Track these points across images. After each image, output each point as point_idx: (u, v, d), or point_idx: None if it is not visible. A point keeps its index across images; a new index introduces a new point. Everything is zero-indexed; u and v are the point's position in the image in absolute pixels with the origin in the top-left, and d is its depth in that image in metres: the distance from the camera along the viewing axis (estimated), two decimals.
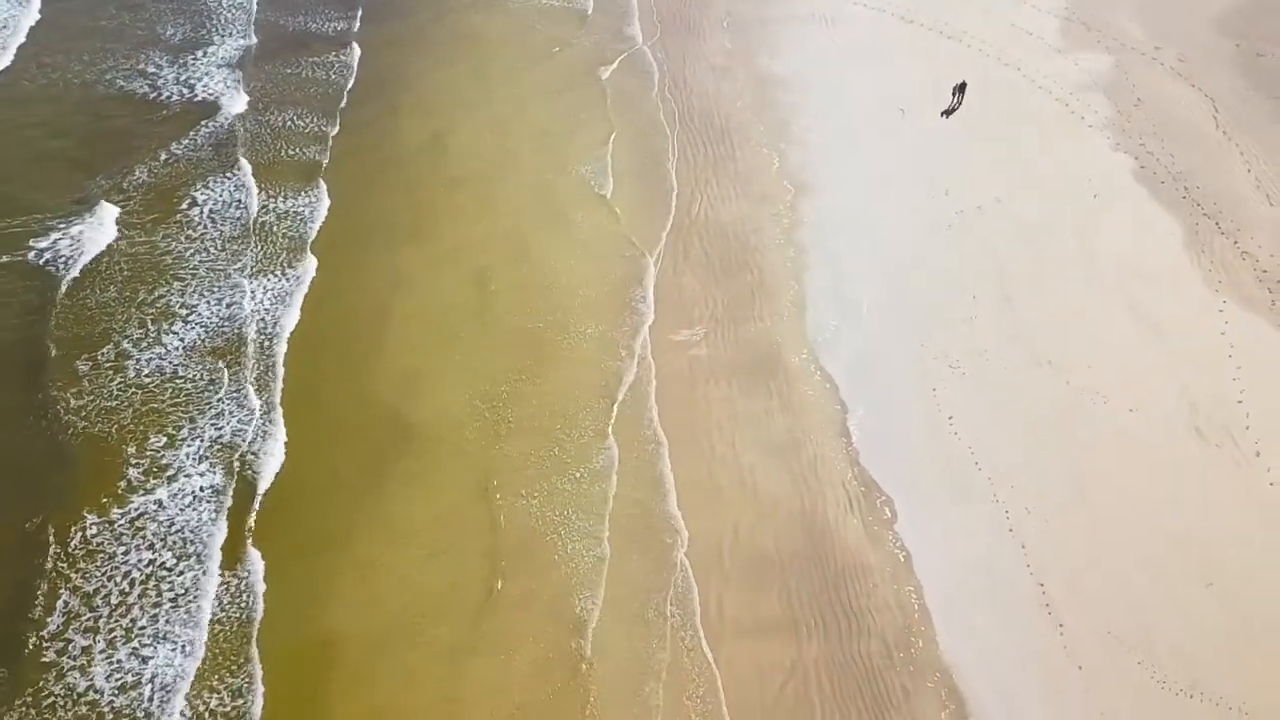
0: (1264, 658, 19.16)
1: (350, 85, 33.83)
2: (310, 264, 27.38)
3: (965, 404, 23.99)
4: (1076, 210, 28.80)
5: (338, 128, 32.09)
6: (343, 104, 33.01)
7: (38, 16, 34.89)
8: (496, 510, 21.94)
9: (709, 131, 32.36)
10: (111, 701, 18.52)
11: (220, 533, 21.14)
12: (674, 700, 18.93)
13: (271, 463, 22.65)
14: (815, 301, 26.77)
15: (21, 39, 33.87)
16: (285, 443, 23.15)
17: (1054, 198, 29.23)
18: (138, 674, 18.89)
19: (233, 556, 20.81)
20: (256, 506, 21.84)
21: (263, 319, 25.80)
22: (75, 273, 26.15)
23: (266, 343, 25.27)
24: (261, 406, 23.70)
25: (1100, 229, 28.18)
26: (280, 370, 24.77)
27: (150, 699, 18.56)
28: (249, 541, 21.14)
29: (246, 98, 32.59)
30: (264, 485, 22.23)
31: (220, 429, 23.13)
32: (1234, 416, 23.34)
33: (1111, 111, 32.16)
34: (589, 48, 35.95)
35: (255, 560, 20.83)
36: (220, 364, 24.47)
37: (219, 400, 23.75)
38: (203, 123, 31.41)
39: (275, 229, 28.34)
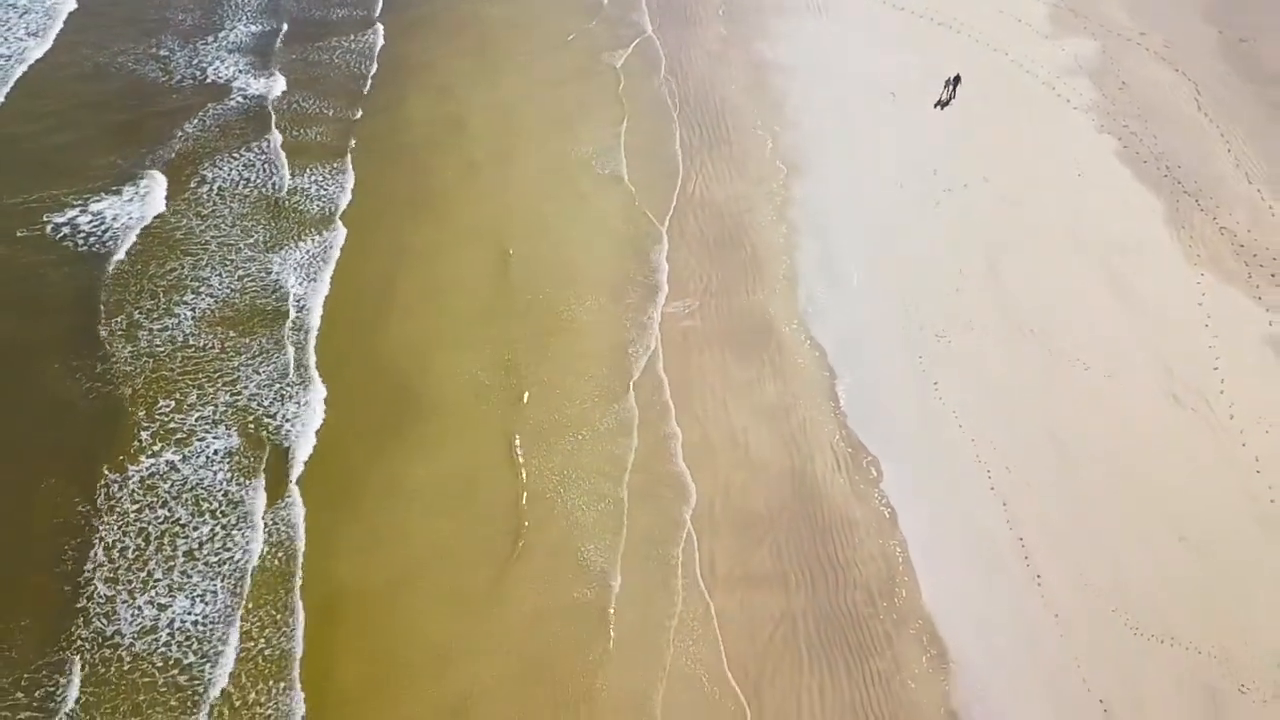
0: (1233, 606, 19.96)
1: (374, 70, 35.03)
2: (340, 234, 28.79)
3: (950, 370, 24.82)
4: (1061, 189, 29.65)
5: (361, 111, 33.23)
6: (367, 88, 34.24)
7: (75, 5, 36.60)
8: (519, 465, 22.92)
9: (705, 115, 33.23)
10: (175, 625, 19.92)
11: (265, 477, 22.62)
12: (681, 645, 19.92)
13: (313, 418, 23.87)
14: (806, 275, 27.61)
15: (60, 25, 35.60)
16: (325, 398, 24.32)
17: (1039, 177, 30.08)
18: (190, 609, 20.19)
19: (277, 496, 22.21)
20: (300, 456, 23.02)
21: (298, 284, 27.19)
22: (131, 240, 27.97)
23: (301, 306, 26.55)
24: (299, 365, 24.94)
25: (1083, 206, 29.02)
26: (315, 331, 25.98)
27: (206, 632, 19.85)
28: (293, 484, 22.45)
29: (281, 79, 34.20)
30: (306, 437, 23.43)
31: (262, 386, 24.44)
32: (1209, 382, 24.16)
33: (1097, 95, 33.02)
34: (601, 35, 36.91)
35: (298, 505, 22.12)
36: (261, 325, 25.99)
37: (261, 357, 25.14)
38: (236, 102, 33.03)
39: (306, 201, 29.86)
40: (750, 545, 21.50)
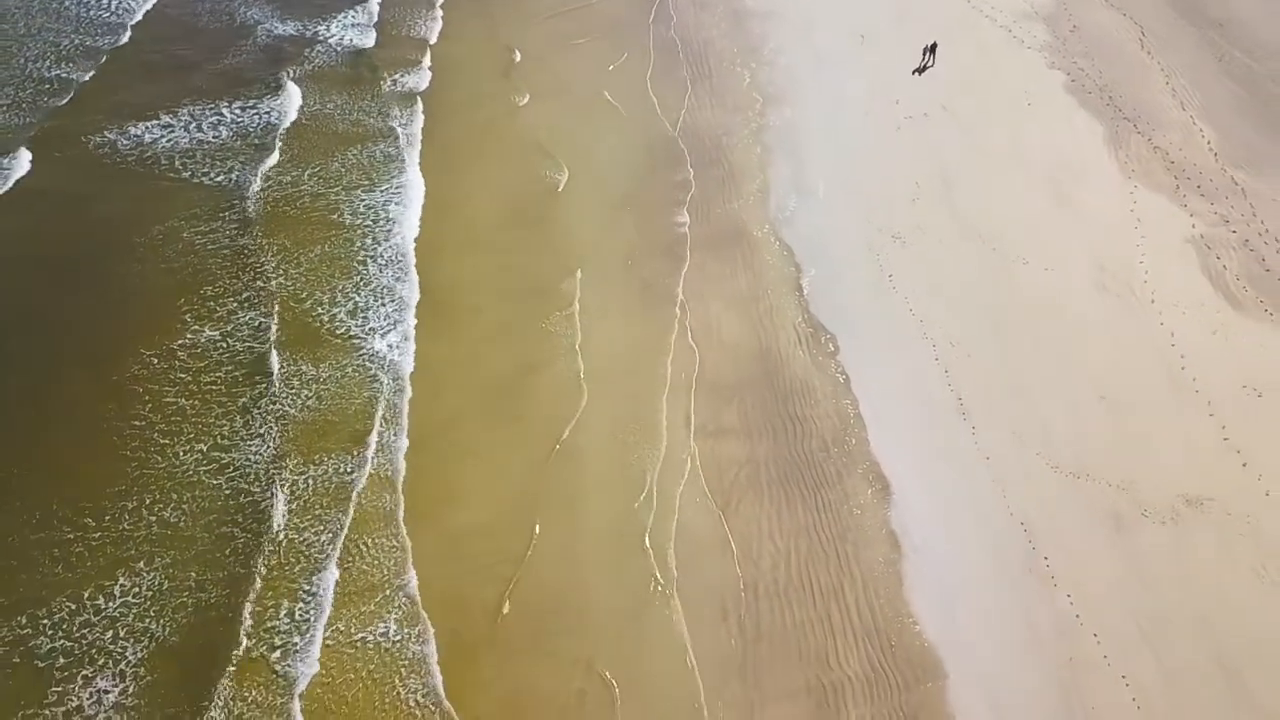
0: (1142, 450, 22.67)
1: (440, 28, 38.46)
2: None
3: (904, 266, 27.62)
4: (1011, 115, 32.50)
5: (429, 57, 36.71)
6: (433, 41, 37.70)
7: None
8: (578, 327, 26.25)
9: (689, 53, 36.16)
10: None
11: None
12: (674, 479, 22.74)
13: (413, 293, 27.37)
14: (777, 188, 30.45)
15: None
16: (419, 284, 27.51)
17: (992, 106, 32.94)
18: None
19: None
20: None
21: (395, 195, 30.63)
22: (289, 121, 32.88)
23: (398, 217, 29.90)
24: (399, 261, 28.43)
25: (1031, 130, 31.86)
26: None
27: None
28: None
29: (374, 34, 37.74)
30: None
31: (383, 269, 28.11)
32: (1135, 274, 26.95)
33: (1049, 36, 35.87)
34: None
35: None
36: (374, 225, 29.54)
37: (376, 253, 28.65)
38: (325, 58, 36.67)
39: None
40: (720, 406, 24.26)
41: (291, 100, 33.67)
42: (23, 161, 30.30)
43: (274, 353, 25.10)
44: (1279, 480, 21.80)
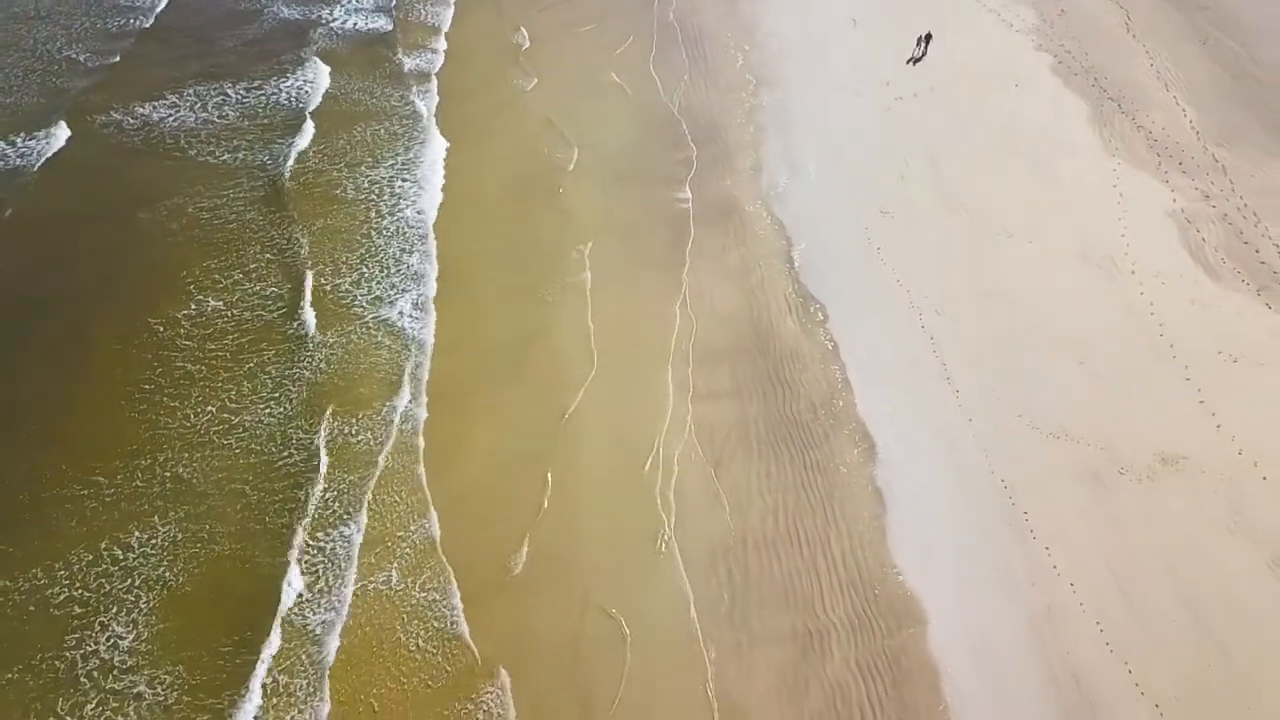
0: (1120, 412, 23.40)
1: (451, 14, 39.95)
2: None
3: (892, 239, 28.39)
4: (999, 96, 33.24)
5: (444, 42, 38.23)
6: (446, 28, 39.17)
7: None
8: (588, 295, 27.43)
9: (686, 38, 37.01)
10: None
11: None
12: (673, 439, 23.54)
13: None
14: (769, 166, 31.23)
15: None
16: (437, 253, 28.82)
17: (980, 86, 33.68)
18: None
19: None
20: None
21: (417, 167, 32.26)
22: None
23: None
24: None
25: (1018, 110, 32.59)
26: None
27: None
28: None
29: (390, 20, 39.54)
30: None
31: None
32: (1116, 246, 27.69)
33: (1037, 20, 36.63)
34: None
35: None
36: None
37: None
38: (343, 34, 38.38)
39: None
40: (713, 371, 25.06)
41: (321, 77, 35.36)
42: (61, 134, 32.07)
43: (309, 310, 26.46)
44: (1251, 440, 22.54)
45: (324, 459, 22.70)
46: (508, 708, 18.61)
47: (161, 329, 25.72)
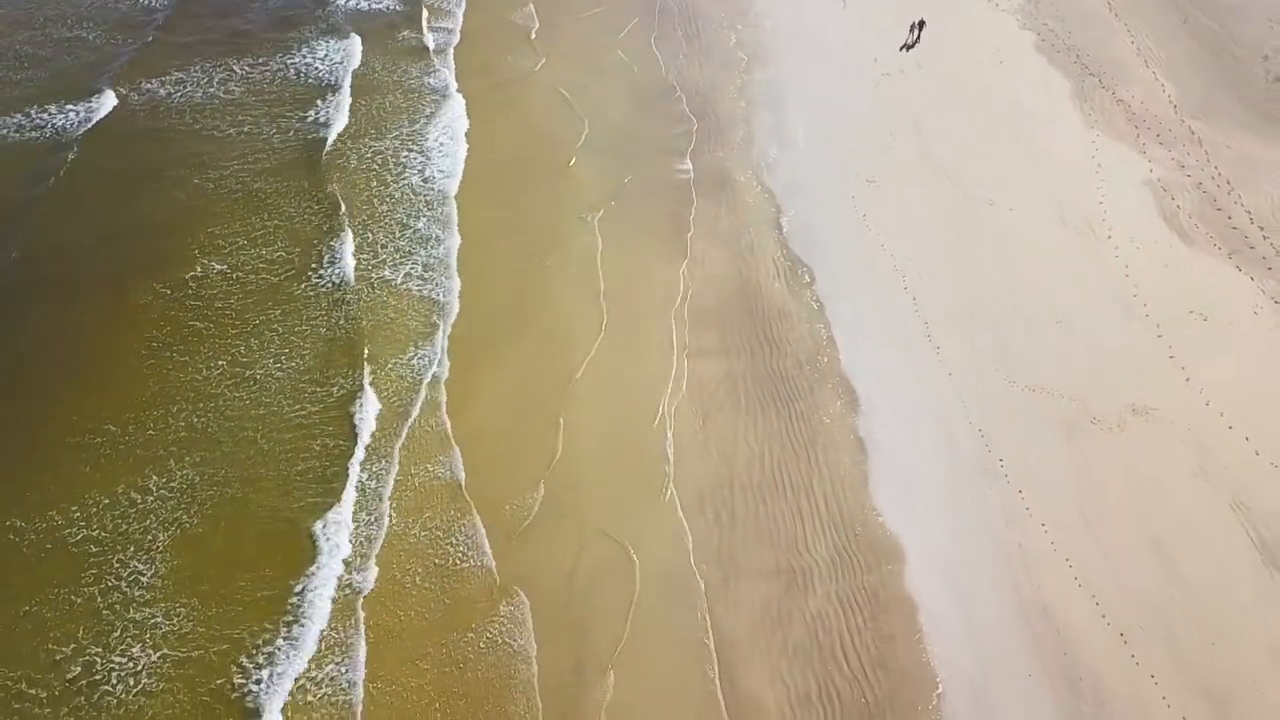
0: (1093, 367, 24.40)
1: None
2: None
3: (877, 206, 29.39)
4: (984, 72, 34.26)
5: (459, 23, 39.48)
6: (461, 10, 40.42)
7: None
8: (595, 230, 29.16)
9: (684, 17, 38.05)
10: None
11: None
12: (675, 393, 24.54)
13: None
14: (760, 138, 32.22)
15: None
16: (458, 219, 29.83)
17: (966, 63, 34.70)
18: None
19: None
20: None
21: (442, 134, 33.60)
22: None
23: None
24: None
25: (1002, 85, 33.62)
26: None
27: None
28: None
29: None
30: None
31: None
32: (1094, 212, 28.69)
33: (1023, 0, 37.61)
34: None
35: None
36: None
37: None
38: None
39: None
40: (703, 330, 26.03)
41: (353, 51, 36.92)
42: (108, 102, 33.66)
43: (346, 265, 27.78)
44: (1218, 393, 23.53)
45: (369, 396, 23.83)
46: (526, 623, 19.68)
47: (193, 286, 26.92)
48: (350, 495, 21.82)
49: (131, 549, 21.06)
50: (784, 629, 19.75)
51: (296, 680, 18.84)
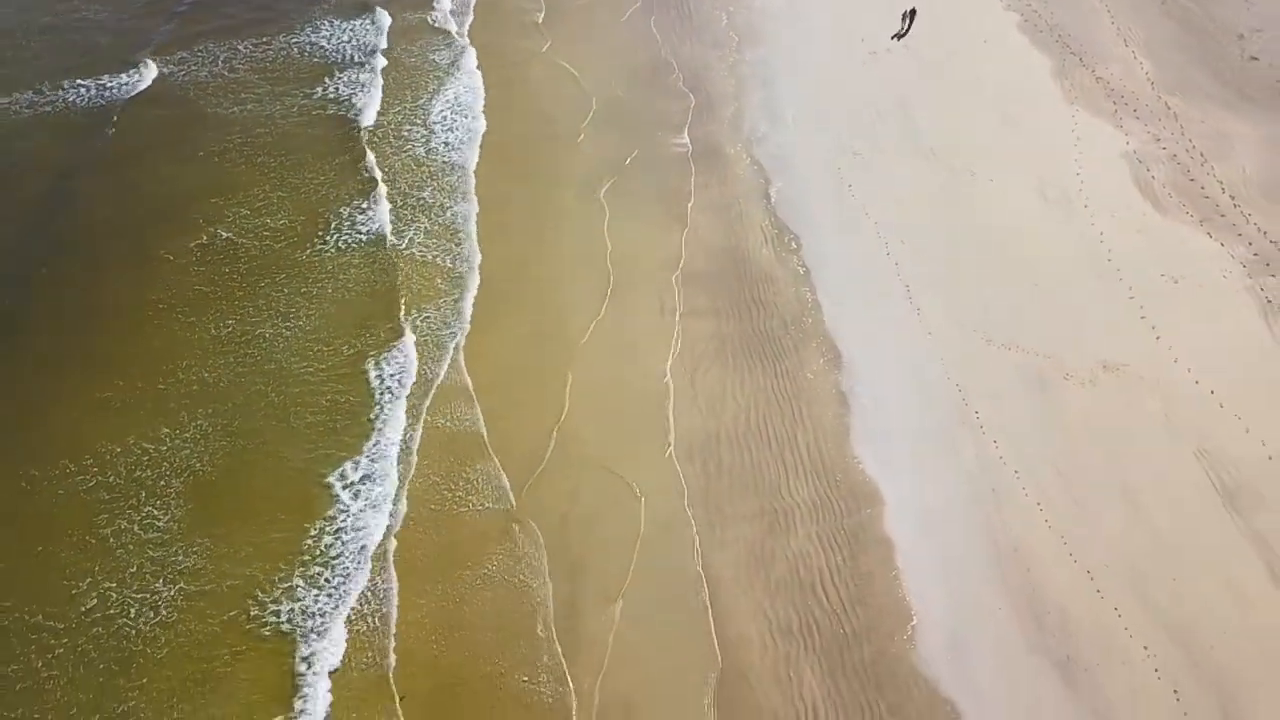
0: (1068, 326, 25.34)
1: None
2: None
3: (863, 178, 30.37)
4: (968, 51, 35.27)
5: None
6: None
7: None
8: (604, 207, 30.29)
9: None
10: None
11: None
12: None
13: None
14: (750, 114, 33.22)
15: None
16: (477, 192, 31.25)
17: (951, 43, 35.71)
18: None
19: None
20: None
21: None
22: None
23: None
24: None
25: (985, 63, 34.63)
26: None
27: None
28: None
29: None
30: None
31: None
32: (1072, 184, 29.67)
33: None
34: None
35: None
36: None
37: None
38: None
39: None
40: (693, 293, 27.01)
41: (382, 25, 39.00)
42: (149, 74, 35.94)
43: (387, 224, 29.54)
44: (1186, 349, 24.49)
45: (409, 343, 25.43)
46: (542, 559, 20.90)
47: (221, 244, 28.67)
48: (383, 442, 23.15)
49: (145, 494, 22.02)
50: (767, 567, 20.73)
51: (351, 610, 20.04)
